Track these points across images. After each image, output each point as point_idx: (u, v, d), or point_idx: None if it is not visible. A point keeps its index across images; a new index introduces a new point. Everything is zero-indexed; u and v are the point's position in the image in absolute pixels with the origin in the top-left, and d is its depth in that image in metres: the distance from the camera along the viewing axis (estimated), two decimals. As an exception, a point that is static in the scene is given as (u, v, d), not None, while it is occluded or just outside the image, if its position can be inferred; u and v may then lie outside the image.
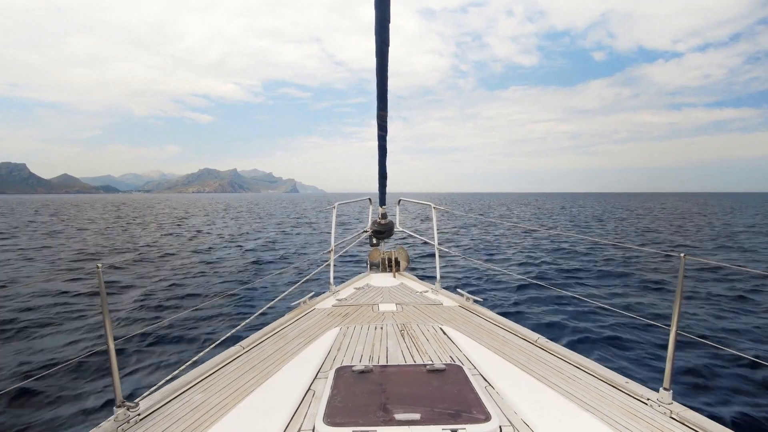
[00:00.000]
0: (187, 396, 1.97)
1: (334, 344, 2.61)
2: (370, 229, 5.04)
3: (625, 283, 8.83)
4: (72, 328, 5.72)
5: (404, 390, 1.83)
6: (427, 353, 2.44)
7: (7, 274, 9.67)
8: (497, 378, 2.10)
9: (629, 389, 1.98)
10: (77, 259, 11.69)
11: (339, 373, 2.03)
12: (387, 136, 3.78)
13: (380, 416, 1.60)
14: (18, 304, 6.71)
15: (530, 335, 2.70)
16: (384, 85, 3.05)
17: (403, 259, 5.01)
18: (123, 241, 16.12)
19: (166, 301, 7.25)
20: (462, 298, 3.65)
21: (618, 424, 1.70)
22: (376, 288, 4.18)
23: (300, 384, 2.04)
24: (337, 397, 1.77)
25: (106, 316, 1.72)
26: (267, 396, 1.95)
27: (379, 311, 3.37)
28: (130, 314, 6.43)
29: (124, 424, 1.71)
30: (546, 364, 2.29)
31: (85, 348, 5.02)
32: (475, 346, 2.54)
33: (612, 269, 10.38)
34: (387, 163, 4.28)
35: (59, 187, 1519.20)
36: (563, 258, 12.08)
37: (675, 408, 1.79)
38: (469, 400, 1.74)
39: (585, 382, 2.08)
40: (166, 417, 1.79)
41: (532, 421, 1.71)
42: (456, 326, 2.96)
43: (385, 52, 2.72)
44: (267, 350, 2.54)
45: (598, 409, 1.82)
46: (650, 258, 11.94)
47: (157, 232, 19.74)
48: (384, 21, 2.43)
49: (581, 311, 6.45)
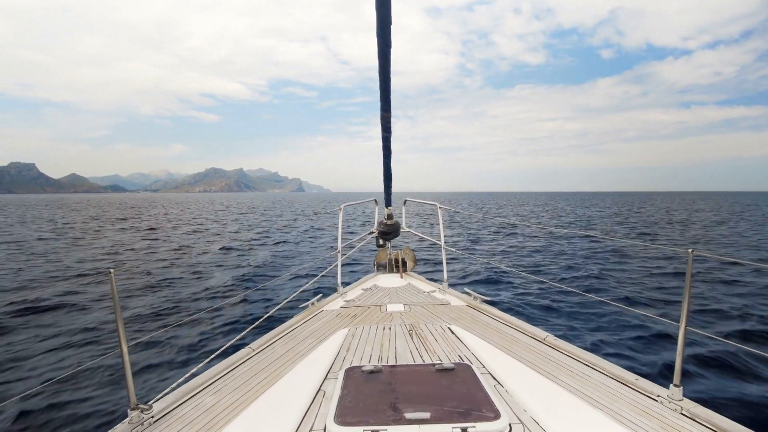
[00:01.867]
0: (199, 398, 2.00)
1: (344, 345, 2.63)
2: (376, 231, 5.06)
3: (634, 280, 8.77)
4: (85, 330, 5.80)
5: (413, 389, 1.84)
6: (436, 353, 2.45)
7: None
8: (506, 376, 2.10)
9: (639, 386, 1.97)
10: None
11: (349, 373, 2.04)
12: (391, 137, 3.79)
13: (390, 415, 1.62)
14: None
15: (539, 333, 2.70)
16: (387, 86, 3.06)
17: (410, 259, 5.02)
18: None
19: (177, 304, 7.32)
20: (470, 298, 3.65)
21: (629, 422, 1.69)
22: (384, 289, 4.19)
23: (310, 385, 2.06)
24: (348, 397, 1.79)
25: (119, 320, 1.75)
26: (278, 397, 1.97)
27: (387, 312, 3.38)
28: (141, 317, 6.51)
29: (138, 426, 1.74)
30: (555, 362, 2.29)
31: (99, 351, 5.09)
32: (483, 345, 2.54)
33: (619, 266, 10.32)
34: (392, 164, 4.29)
35: (68, 187, 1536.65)
36: (568, 255, 12.02)
37: (686, 404, 1.78)
38: (479, 398, 1.74)
39: (595, 380, 2.07)
40: (179, 419, 1.82)
41: (541, 419, 1.71)
42: (464, 325, 2.96)
43: (387, 54, 2.74)
44: (277, 352, 2.56)
45: (608, 406, 1.82)
46: (658, 254, 11.85)
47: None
48: (385, 23, 2.44)
49: (589, 308, 6.42)
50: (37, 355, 4.99)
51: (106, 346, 5.29)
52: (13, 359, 4.84)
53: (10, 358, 4.87)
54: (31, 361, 4.83)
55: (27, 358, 4.90)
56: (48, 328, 5.91)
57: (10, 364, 4.71)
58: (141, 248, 15.00)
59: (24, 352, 5.04)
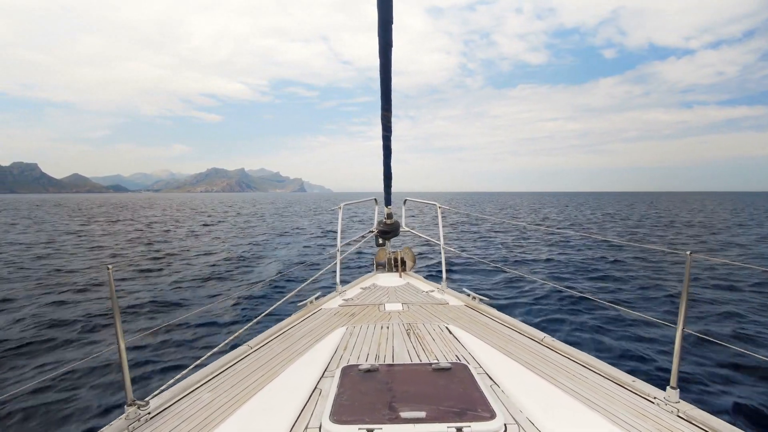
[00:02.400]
0: (196, 395, 2.00)
1: (341, 343, 2.63)
2: (376, 230, 5.06)
3: (632, 281, 8.76)
4: (82, 328, 5.81)
5: (410, 388, 1.84)
6: (433, 352, 2.45)
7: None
8: (503, 377, 2.10)
9: (636, 388, 1.97)
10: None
11: (345, 371, 2.04)
12: (391, 136, 3.79)
13: (386, 414, 1.62)
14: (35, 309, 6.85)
15: (536, 334, 2.70)
16: (388, 86, 3.06)
17: (409, 259, 5.02)
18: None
19: (175, 301, 7.33)
20: (468, 298, 3.65)
21: (625, 423, 1.69)
22: (383, 288, 4.19)
23: (307, 383, 2.06)
24: (344, 396, 1.79)
25: (116, 316, 1.75)
26: (274, 395, 1.97)
27: (386, 311, 3.38)
28: (139, 314, 6.52)
29: (135, 422, 1.74)
30: (552, 363, 2.29)
31: (96, 347, 5.10)
32: (480, 345, 2.54)
33: (618, 267, 10.31)
34: (392, 163, 4.30)
35: (70, 187, 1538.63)
36: (568, 256, 12.01)
37: (682, 407, 1.78)
38: (475, 398, 1.74)
39: (591, 381, 2.07)
40: (175, 415, 1.82)
41: (537, 419, 1.71)
42: (462, 325, 2.96)
43: (388, 53, 2.74)
44: (274, 350, 2.56)
45: (604, 407, 1.81)
46: (657, 256, 11.83)
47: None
48: (386, 22, 2.44)
49: (587, 309, 6.42)
50: (34, 350, 5.00)
51: (103, 342, 5.30)
52: (9, 355, 4.86)
53: (5, 354, 4.89)
54: (28, 356, 4.84)
55: (24, 353, 4.92)
56: (46, 324, 5.93)
57: (5, 360, 4.73)
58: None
59: (22, 348, 5.06)
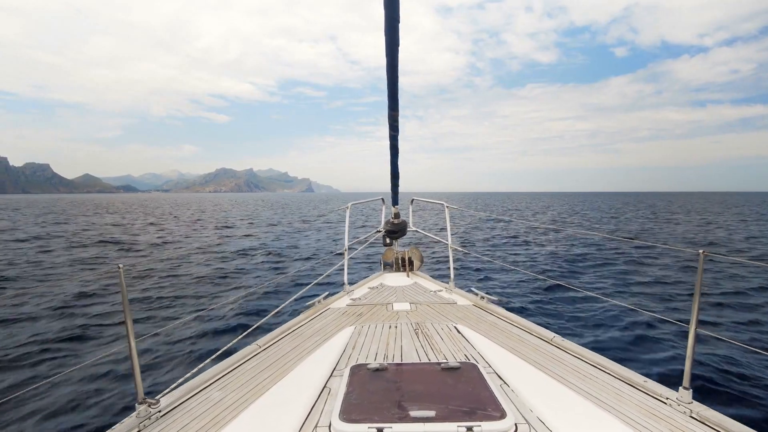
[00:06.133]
0: (206, 393, 2.02)
1: (349, 343, 2.63)
2: (383, 229, 5.06)
3: (644, 280, 8.65)
4: (94, 326, 5.90)
5: (419, 387, 1.84)
6: (442, 351, 2.44)
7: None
8: (512, 376, 2.09)
9: (648, 388, 1.94)
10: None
11: (354, 370, 2.04)
12: (399, 136, 3.79)
13: (395, 413, 1.61)
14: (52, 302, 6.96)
15: (546, 334, 2.68)
16: (395, 85, 3.05)
17: (417, 258, 5.01)
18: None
19: (186, 300, 7.41)
20: (476, 297, 3.63)
21: (637, 424, 1.67)
22: (390, 287, 4.19)
23: (316, 381, 2.06)
24: (353, 395, 1.79)
25: (127, 316, 1.77)
26: (284, 393, 1.98)
27: (393, 310, 3.38)
28: (149, 313, 6.59)
29: (146, 420, 1.76)
30: (562, 363, 2.26)
31: (108, 346, 5.17)
32: (489, 345, 2.53)
33: (630, 266, 10.18)
34: (399, 163, 4.29)
35: (81, 187, 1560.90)
36: (579, 255, 11.89)
37: (695, 407, 1.75)
38: (484, 397, 1.73)
39: (602, 381, 2.05)
40: (186, 413, 1.84)
41: (548, 419, 1.69)
42: (470, 325, 2.95)
43: (395, 52, 2.73)
44: (283, 349, 2.58)
45: (616, 408, 1.79)
46: (670, 255, 11.67)
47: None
48: (393, 21, 2.44)
49: (599, 309, 6.35)
50: (45, 348, 5.09)
51: (114, 341, 5.37)
52: (21, 352, 4.94)
53: (17, 350, 4.97)
54: (40, 354, 4.92)
55: (36, 351, 5.00)
56: (57, 322, 6.02)
57: (18, 357, 4.81)
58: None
59: (32, 345, 5.14)
